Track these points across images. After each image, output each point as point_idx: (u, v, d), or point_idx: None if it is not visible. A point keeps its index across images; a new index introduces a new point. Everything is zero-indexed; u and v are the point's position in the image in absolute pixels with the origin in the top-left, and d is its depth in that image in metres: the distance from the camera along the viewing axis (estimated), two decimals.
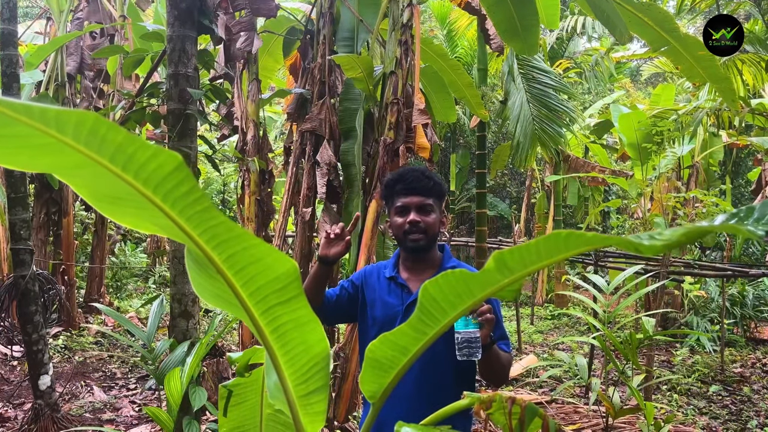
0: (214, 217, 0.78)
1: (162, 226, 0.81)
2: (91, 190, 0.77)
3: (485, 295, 0.93)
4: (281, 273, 0.90)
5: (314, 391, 1.05)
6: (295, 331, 0.98)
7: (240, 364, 1.38)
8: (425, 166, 2.40)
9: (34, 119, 0.63)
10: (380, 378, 1.07)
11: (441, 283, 0.95)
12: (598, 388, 4.67)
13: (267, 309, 0.95)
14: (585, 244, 0.78)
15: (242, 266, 0.88)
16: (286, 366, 1.03)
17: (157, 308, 3.25)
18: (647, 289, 4.83)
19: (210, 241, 0.83)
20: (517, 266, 0.84)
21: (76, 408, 5.11)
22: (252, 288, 0.92)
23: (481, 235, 8.12)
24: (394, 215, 2.05)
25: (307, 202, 5.31)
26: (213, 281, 0.90)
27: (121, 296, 9.81)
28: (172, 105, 3.25)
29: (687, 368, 7.24)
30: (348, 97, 5.26)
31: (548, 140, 7.79)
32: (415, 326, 1.01)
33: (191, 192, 0.74)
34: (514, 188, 16.47)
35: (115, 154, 0.69)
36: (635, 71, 20.73)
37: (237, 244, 0.84)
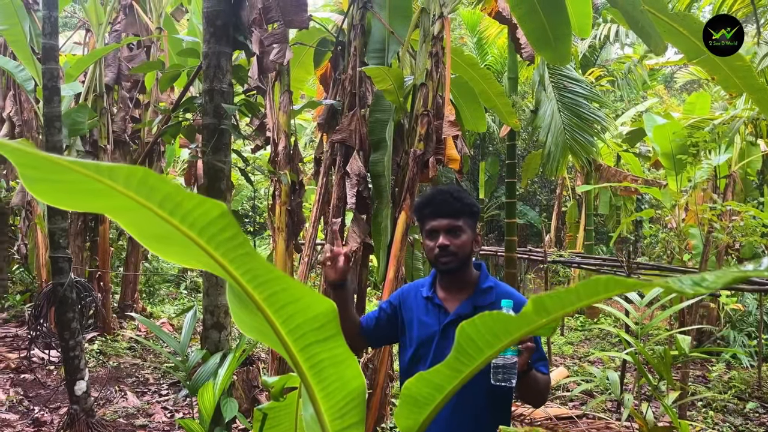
0: (255, 260, 0.81)
1: (206, 264, 0.83)
2: (140, 229, 0.81)
3: (522, 334, 0.93)
4: (319, 312, 0.92)
5: (350, 427, 1.06)
6: (332, 368, 1.00)
7: (275, 388, 1.40)
8: (454, 184, 2.40)
9: (89, 170, 0.67)
10: (416, 414, 1.08)
11: (478, 324, 0.96)
12: (630, 404, 4.58)
13: (305, 346, 0.96)
14: (625, 288, 0.78)
15: (282, 305, 0.90)
16: (323, 401, 1.04)
17: (191, 319, 3.31)
18: (683, 304, 4.72)
19: (251, 281, 0.85)
20: (555, 308, 0.84)
21: (110, 413, 5.21)
22: (291, 326, 0.94)
23: (510, 245, 8.07)
24: (425, 238, 2.05)
25: (336, 212, 5.34)
26: (254, 317, 0.93)
27: (154, 302, 9.99)
28: (207, 120, 3.31)
29: (723, 384, 7.05)
30: (378, 108, 5.29)
31: (579, 150, 7.71)
32: (452, 365, 1.02)
33: (234, 237, 0.77)
34: (544, 196, 16.30)
35: (164, 201, 0.72)
36: (669, 78, 20.37)
37: (276, 285, 0.86)
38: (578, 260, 8.37)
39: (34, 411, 5.17)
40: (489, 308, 2.00)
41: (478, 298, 2.03)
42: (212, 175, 3.27)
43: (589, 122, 7.75)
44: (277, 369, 5.00)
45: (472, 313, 1.99)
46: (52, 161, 0.65)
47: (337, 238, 2.13)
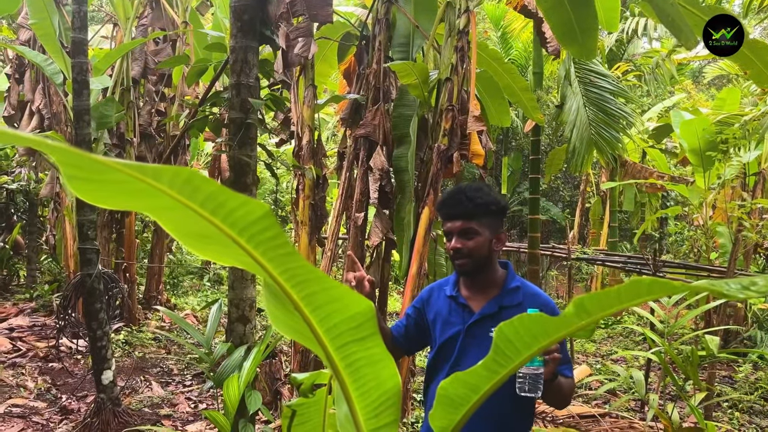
0: (295, 260, 0.81)
1: (244, 263, 0.84)
2: (179, 228, 0.81)
3: (561, 336, 0.92)
4: (357, 312, 0.92)
5: (384, 426, 1.06)
6: (368, 367, 1.00)
7: (305, 385, 1.40)
8: (478, 182, 2.34)
9: (133, 171, 0.67)
10: (451, 414, 1.08)
11: (517, 326, 0.95)
12: (655, 404, 4.52)
13: (342, 345, 0.97)
14: (670, 291, 0.76)
15: (319, 304, 0.90)
16: (357, 400, 1.04)
17: (216, 312, 3.34)
18: (713, 304, 4.63)
19: (289, 280, 0.85)
20: (596, 310, 0.83)
21: (135, 402, 5.29)
22: (328, 325, 0.94)
23: (533, 242, 8.01)
24: (445, 238, 2.04)
25: (359, 206, 5.34)
26: (290, 316, 0.93)
27: (178, 293, 10.11)
28: (234, 114, 3.32)
29: (749, 385, 6.93)
30: (402, 102, 5.27)
31: (605, 145, 7.60)
32: (489, 366, 1.01)
33: (276, 237, 0.77)
34: (567, 192, 16.14)
35: (206, 201, 0.73)
36: (697, 72, 19.98)
37: (316, 285, 0.86)
38: (602, 258, 8.27)
39: (61, 399, 5.27)
40: (515, 309, 1.98)
41: (504, 298, 1.99)
42: (238, 170, 3.29)
43: (614, 118, 7.64)
44: (299, 362, 5.03)
45: (498, 313, 1.97)
46: (96, 161, 0.66)
47: (356, 262, 2.07)
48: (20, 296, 8.46)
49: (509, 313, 1.95)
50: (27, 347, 6.42)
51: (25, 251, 9.19)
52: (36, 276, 9.15)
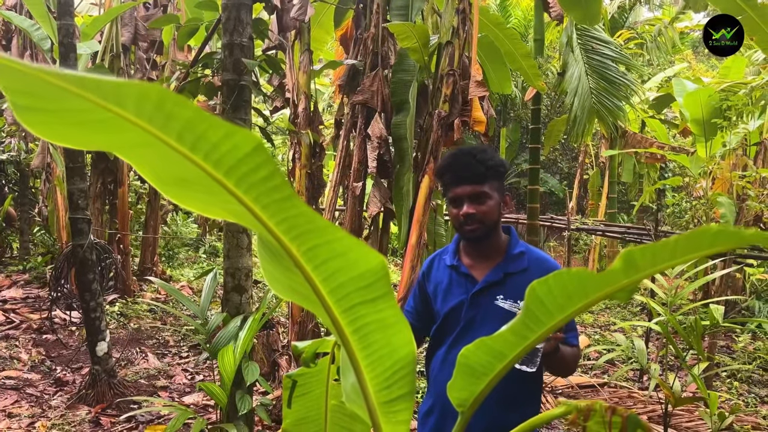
0: (294, 206, 0.69)
1: (233, 213, 0.72)
2: (155, 171, 0.68)
3: (600, 297, 0.82)
4: (367, 269, 0.81)
5: (398, 398, 0.96)
6: (380, 332, 0.89)
7: (306, 354, 1.30)
8: (479, 145, 2.22)
9: (88, 91, 0.54)
10: (472, 385, 0.98)
11: (551, 284, 0.84)
12: (657, 374, 4.49)
13: (349, 308, 0.86)
14: (740, 241, 0.65)
15: (323, 260, 0.79)
16: (367, 369, 0.94)
17: (211, 282, 3.24)
18: (717, 274, 4.56)
19: (288, 232, 0.73)
20: (647, 265, 0.73)
21: (131, 374, 5.24)
22: (333, 284, 0.83)
23: (533, 212, 7.91)
24: (448, 205, 1.91)
25: (357, 176, 5.23)
26: (289, 274, 0.81)
27: (173, 265, 10.02)
28: (227, 76, 3.18)
29: (748, 355, 6.93)
30: (401, 68, 5.11)
31: (607, 114, 7.46)
32: (518, 331, 0.91)
33: (270, 178, 0.65)
34: (565, 164, 16.03)
35: (183, 133, 0.60)
36: (697, 42, 19.72)
37: (319, 237, 0.75)
38: (602, 228, 8.19)
39: (56, 371, 5.21)
40: (521, 275, 1.88)
41: (509, 264, 1.89)
42: None
43: (617, 86, 7.48)
44: (297, 333, 4.96)
45: (503, 280, 1.88)
46: (43, 78, 0.52)
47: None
48: (13, 268, 8.35)
49: (514, 280, 1.86)
50: (20, 319, 6.34)
51: (18, 223, 9.05)
52: (29, 248, 9.04)
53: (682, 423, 4.80)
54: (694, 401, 4.41)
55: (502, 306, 1.83)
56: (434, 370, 1.96)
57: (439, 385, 1.91)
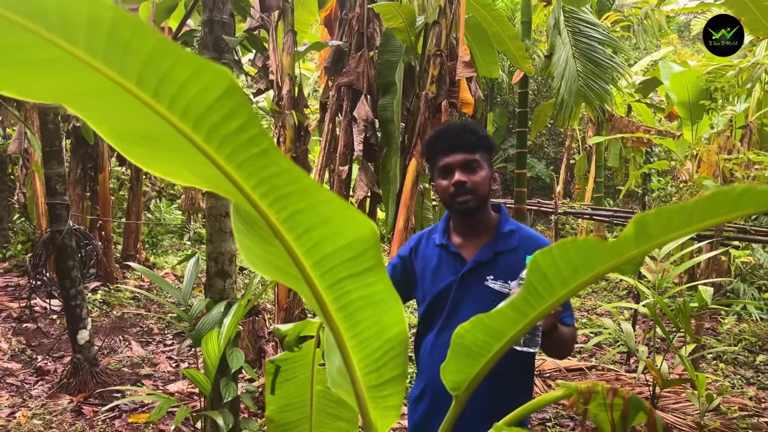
0: (274, 162, 0.60)
1: (204, 177, 0.63)
2: (113, 127, 0.59)
3: (606, 269, 0.75)
4: (354, 238, 0.73)
5: (388, 382, 0.89)
6: (368, 309, 0.81)
7: (290, 337, 1.22)
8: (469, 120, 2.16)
9: (26, 17, 0.45)
10: (468, 367, 0.91)
11: (555, 255, 0.77)
12: (645, 356, 4.49)
13: (334, 282, 0.78)
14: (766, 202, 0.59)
15: (306, 229, 0.71)
16: (354, 350, 0.86)
17: (193, 267, 3.15)
18: (703, 257, 4.56)
19: (266, 196, 0.65)
20: (660, 232, 0.66)
21: (114, 362, 5.15)
22: (317, 256, 0.75)
23: (520, 197, 7.88)
24: (438, 177, 1.83)
25: (343, 159, 5.15)
26: (267, 247, 0.73)
27: (157, 252, 9.89)
28: (207, 54, 3.07)
29: (733, 337, 6.98)
30: (387, 49, 5.01)
31: (594, 98, 7.42)
32: (518, 307, 0.84)
33: (245, 127, 0.56)
34: (552, 149, 16.03)
35: (145, 72, 0.51)
36: (683, 27, 19.77)
37: (301, 200, 0.66)
38: (590, 212, 8.19)
39: (37, 360, 5.10)
40: (511, 254, 1.82)
41: (499, 242, 1.83)
42: None
43: (604, 69, 7.44)
44: (283, 319, 4.89)
45: (493, 259, 1.81)
46: None
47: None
48: None
49: (505, 259, 1.80)
50: (0, 308, 6.20)
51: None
52: (9, 236, 8.86)
53: (669, 405, 4.80)
54: (681, 383, 4.42)
55: (492, 287, 1.78)
56: (424, 354, 1.89)
57: (430, 369, 1.85)
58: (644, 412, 0.95)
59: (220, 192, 0.66)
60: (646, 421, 0.97)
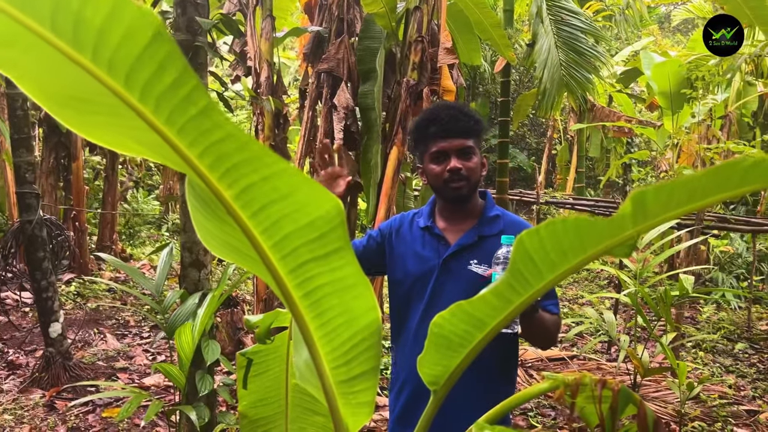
0: (217, 126, 0.51)
1: (148, 145, 0.54)
2: (41, 86, 0.50)
3: (598, 252, 0.69)
4: (317, 216, 0.65)
5: (359, 376, 0.81)
6: (336, 296, 0.74)
7: (260, 329, 1.15)
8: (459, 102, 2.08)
9: None
10: (447, 359, 0.84)
11: (543, 236, 0.70)
12: (626, 345, 4.49)
13: (297, 266, 0.70)
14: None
15: (262, 205, 0.62)
16: (321, 342, 0.79)
17: (166, 257, 3.05)
18: (684, 245, 4.57)
19: (215, 167, 0.57)
20: (658, 210, 0.59)
21: (88, 356, 5.03)
22: (276, 237, 0.66)
23: (502, 186, 7.84)
24: (429, 162, 1.76)
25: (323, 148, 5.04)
26: (223, 226, 0.65)
27: (135, 243, 9.71)
28: (180, 36, 2.96)
29: (712, 325, 7.04)
30: (368, 35, 4.92)
31: (576, 87, 7.39)
32: (501, 293, 0.77)
33: (180, 83, 0.46)
34: (533, 139, 16.05)
35: (57, 16, 0.41)
36: (664, 18, 19.88)
37: (254, 171, 0.58)
38: (571, 201, 8.20)
39: (8, 354, 4.97)
40: (496, 238, 1.77)
41: (484, 227, 1.78)
42: None
43: (586, 58, 7.41)
44: (262, 311, 4.81)
45: (477, 243, 1.76)
46: None
47: (329, 153, 1.81)
48: None
49: (489, 243, 1.75)
50: None
51: None
52: None
53: (650, 393, 4.82)
54: (662, 372, 4.43)
55: (475, 271, 1.73)
56: (405, 343, 1.83)
57: (412, 359, 1.79)
58: (634, 404, 0.89)
59: (169, 164, 0.58)
60: (635, 413, 0.92)
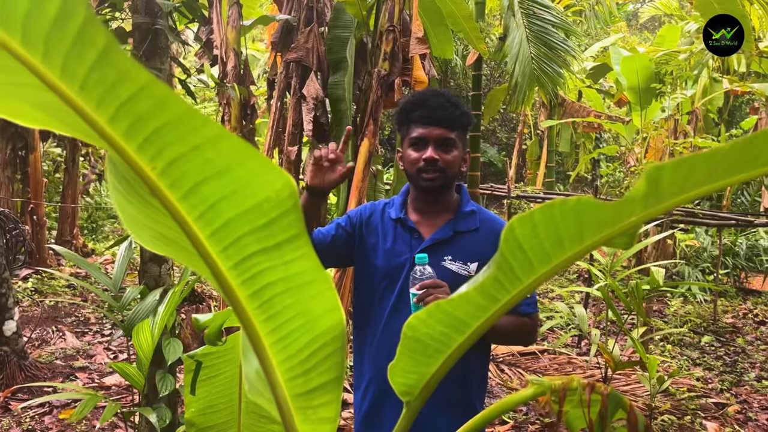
0: (125, 77, 0.37)
1: (46, 108, 0.41)
2: None
3: (596, 241, 0.59)
4: (265, 198, 0.52)
5: (320, 388, 0.69)
6: (290, 295, 0.62)
7: (210, 329, 1.03)
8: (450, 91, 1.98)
9: None
10: (423, 366, 0.73)
11: (537, 222, 0.60)
12: (598, 339, 4.48)
13: (242, 260, 0.58)
14: None
15: (195, 183, 0.50)
16: (274, 350, 0.66)
17: (125, 252, 2.90)
18: (653, 239, 4.58)
19: (131, 134, 0.45)
20: (674, 190, 0.50)
21: (46, 354, 4.83)
22: (215, 224, 0.54)
23: (473, 180, 7.82)
24: (407, 147, 1.68)
25: (292, 140, 4.94)
26: (151, 212, 0.53)
27: (97, 238, 9.42)
28: (139, 19, 2.81)
29: (679, 318, 7.13)
30: (338, 24, 4.80)
31: (547, 81, 7.39)
32: (487, 289, 0.66)
33: (68, 12, 0.34)
34: (504, 134, 16.12)
35: None
36: (631, 15, 20.17)
37: (180, 139, 0.46)
38: (542, 195, 8.22)
39: None
40: (471, 234, 1.70)
41: (460, 222, 1.71)
42: None
43: (557, 52, 7.41)
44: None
45: (452, 238, 1.68)
46: None
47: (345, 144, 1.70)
48: None
49: (464, 239, 1.68)
50: None
51: None
52: None
53: (620, 387, 4.83)
54: (633, 365, 4.43)
55: (449, 267, 1.65)
56: (372, 341, 1.73)
57: (377, 358, 1.71)
58: (623, 408, 0.81)
59: (79, 135, 0.46)
60: (624, 417, 0.85)
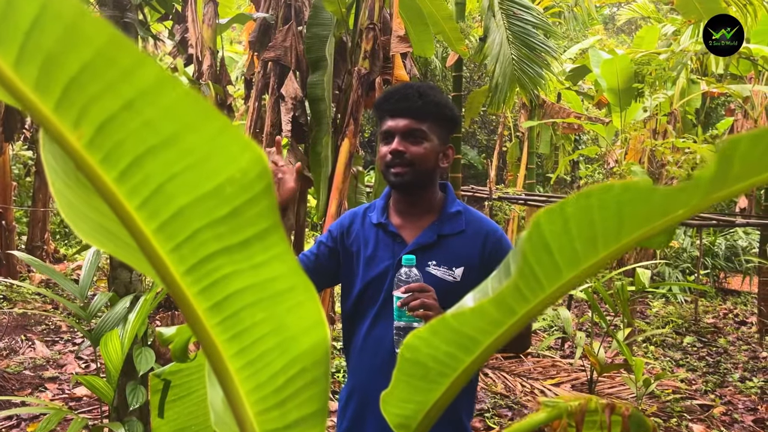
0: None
1: None
2: None
3: (632, 240, 0.48)
4: (227, 178, 0.39)
5: (299, 423, 0.54)
6: (262, 307, 0.48)
7: (176, 344, 0.91)
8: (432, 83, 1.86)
9: None
10: (422, 394, 0.60)
11: (569, 214, 0.48)
12: (583, 342, 4.43)
13: (199, 262, 0.44)
14: None
15: (135, 157, 0.37)
16: (242, 376, 0.52)
17: (93, 257, 2.75)
18: None
19: (45, 85, 0.33)
20: (746, 171, 0.40)
21: (14, 365, 4.64)
22: (163, 214, 0.40)
23: (455, 182, 7.74)
24: (380, 142, 1.60)
25: (270, 140, 4.80)
26: (89, 197, 0.41)
27: (70, 243, 9.17)
28: (107, 12, 2.68)
29: (661, 319, 7.13)
30: (317, 22, 4.70)
31: (528, 82, 7.36)
32: (504, 300, 0.54)
33: None
34: (483, 136, 16.13)
35: None
36: (609, 19, 20.38)
37: (109, 90, 0.34)
38: (524, 197, 8.20)
39: None
40: (457, 237, 1.59)
41: (444, 224, 1.60)
42: None
43: (538, 52, 7.39)
44: None
45: (437, 242, 1.57)
46: None
47: (280, 152, 1.55)
48: None
49: (449, 243, 1.58)
50: None
51: None
52: None
53: (605, 389, 4.78)
54: (618, 368, 4.39)
55: (434, 273, 1.55)
56: (354, 350, 1.63)
57: (360, 369, 1.61)
58: (647, 429, 0.72)
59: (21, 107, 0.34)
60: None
